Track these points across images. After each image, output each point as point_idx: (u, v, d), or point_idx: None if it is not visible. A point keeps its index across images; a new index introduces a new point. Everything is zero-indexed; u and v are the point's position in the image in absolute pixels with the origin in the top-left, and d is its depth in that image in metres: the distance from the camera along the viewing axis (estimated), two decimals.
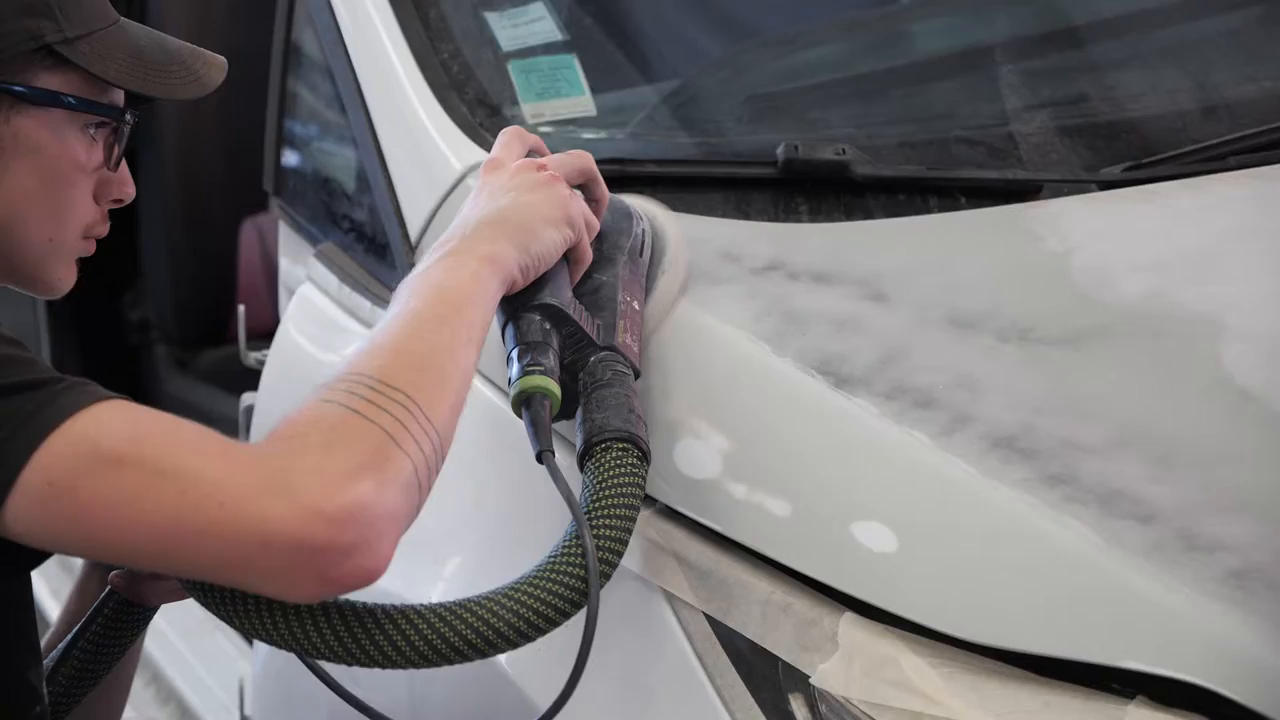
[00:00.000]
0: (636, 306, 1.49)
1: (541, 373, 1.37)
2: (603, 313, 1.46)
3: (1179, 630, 1.24)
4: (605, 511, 1.34)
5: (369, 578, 1.17)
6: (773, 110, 1.92)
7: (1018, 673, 1.28)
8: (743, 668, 1.38)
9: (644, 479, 1.38)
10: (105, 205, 1.45)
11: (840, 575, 1.35)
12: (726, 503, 1.42)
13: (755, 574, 1.39)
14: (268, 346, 2.16)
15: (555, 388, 1.38)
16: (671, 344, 1.51)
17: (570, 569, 1.30)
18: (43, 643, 1.61)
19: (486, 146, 1.73)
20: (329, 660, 1.26)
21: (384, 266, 1.88)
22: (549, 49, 1.91)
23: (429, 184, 1.79)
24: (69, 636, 1.58)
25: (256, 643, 2.06)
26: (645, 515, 1.46)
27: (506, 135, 1.52)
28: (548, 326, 1.40)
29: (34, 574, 1.43)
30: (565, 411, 1.42)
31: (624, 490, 1.36)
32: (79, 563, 1.65)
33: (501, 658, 1.55)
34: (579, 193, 1.49)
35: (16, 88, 1.36)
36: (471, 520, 1.68)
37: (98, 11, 1.42)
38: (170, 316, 3.50)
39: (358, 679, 1.81)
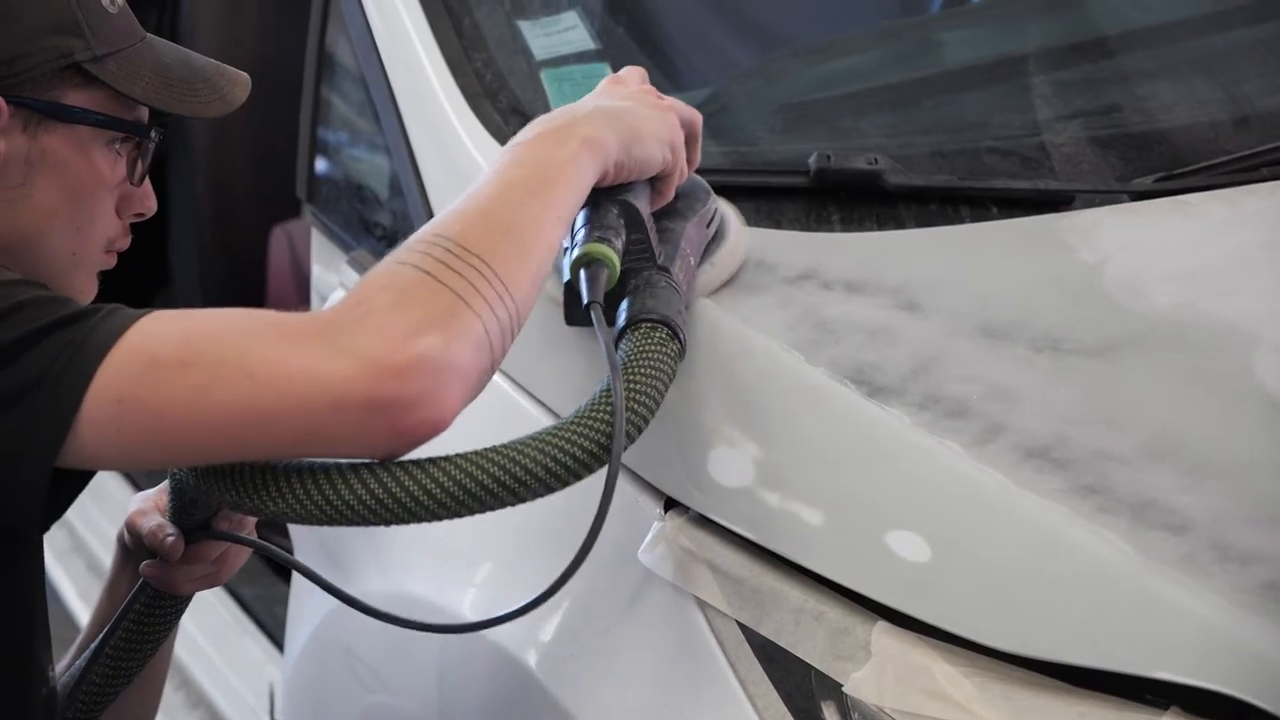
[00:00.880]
0: (693, 263, 1.51)
1: (610, 247, 1.38)
2: (667, 245, 1.47)
3: (1212, 641, 1.24)
4: (640, 372, 1.34)
5: (437, 427, 1.21)
6: (804, 119, 1.93)
7: (1051, 683, 1.28)
8: (775, 676, 1.38)
9: (677, 362, 1.38)
10: (127, 219, 1.47)
11: (873, 584, 1.35)
12: (760, 511, 1.42)
13: (788, 582, 1.39)
14: None
15: (617, 262, 1.39)
16: (705, 352, 1.52)
17: (600, 419, 1.30)
18: (74, 645, 1.63)
19: None
20: (360, 522, 1.26)
21: None
22: (582, 58, 1.92)
23: (461, 192, 1.78)
24: (102, 633, 1.59)
25: (287, 648, 2.07)
26: (678, 522, 1.47)
27: (630, 68, 1.55)
28: (621, 220, 1.41)
29: (60, 577, 1.44)
30: (607, 316, 1.40)
31: (660, 362, 1.36)
32: (107, 565, 1.66)
33: (532, 661, 1.57)
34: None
35: (45, 105, 1.37)
36: (503, 526, 1.68)
37: (125, 29, 1.43)
38: None
39: (385, 681, 1.83)
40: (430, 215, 1.81)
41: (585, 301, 1.36)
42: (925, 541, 1.35)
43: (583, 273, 1.38)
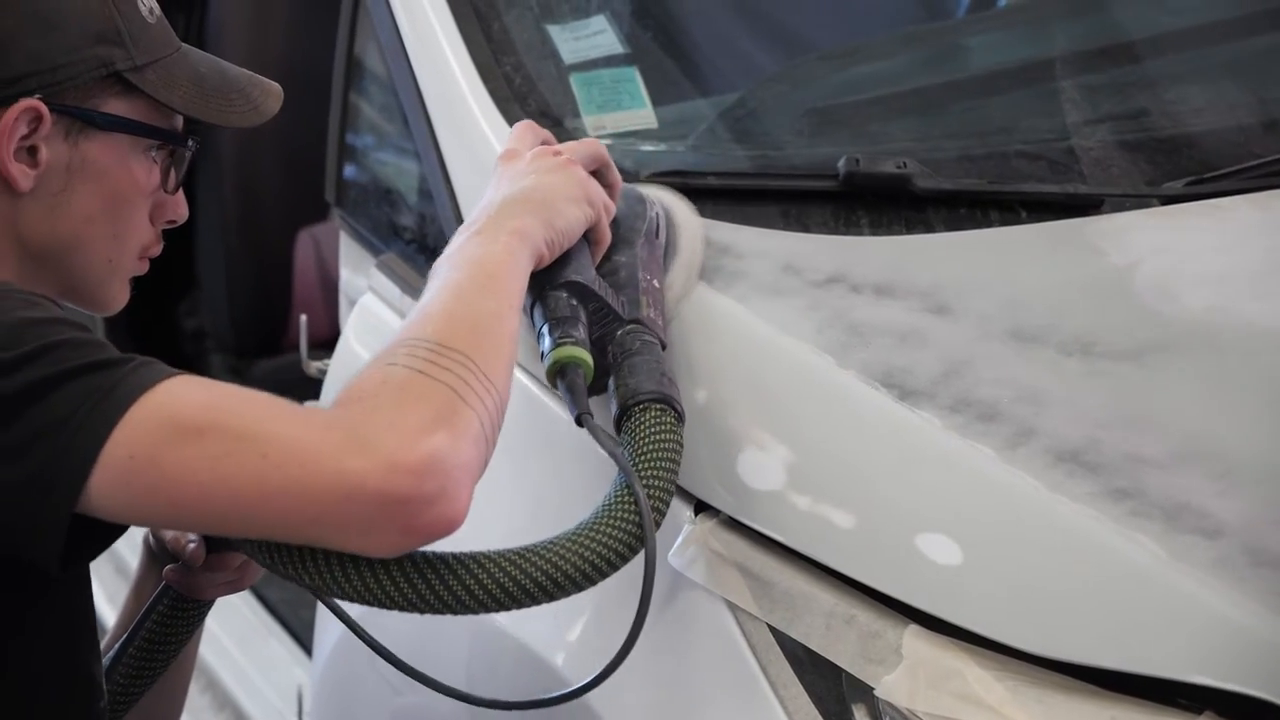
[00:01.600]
0: (657, 284, 1.52)
1: (573, 343, 1.41)
2: (625, 290, 1.49)
3: (1246, 644, 1.24)
4: (650, 463, 1.37)
5: (450, 526, 1.21)
6: (833, 123, 1.93)
7: (1083, 686, 1.28)
8: (806, 679, 1.38)
9: (681, 437, 1.41)
10: (160, 226, 1.48)
11: (905, 587, 1.35)
12: (790, 514, 1.42)
13: (819, 585, 1.39)
14: (324, 355, 2.18)
15: (588, 357, 1.41)
16: (735, 355, 1.52)
17: (625, 514, 1.33)
18: (103, 644, 1.63)
19: None
20: (402, 608, 1.27)
21: None
22: (610, 62, 1.92)
23: None
24: (126, 635, 1.60)
25: (316, 650, 2.07)
26: (708, 525, 1.47)
27: (519, 128, 1.56)
28: (575, 303, 1.44)
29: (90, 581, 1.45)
30: (595, 386, 1.45)
31: (665, 444, 1.39)
32: (134, 568, 1.67)
33: (561, 663, 1.57)
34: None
35: (87, 113, 1.38)
36: (527, 534, 1.68)
37: (163, 40, 1.44)
38: (226, 326, 3.52)
39: (413, 683, 1.83)
40: (460, 219, 1.82)
41: (574, 414, 1.39)
42: (957, 545, 1.35)
43: (561, 385, 1.40)
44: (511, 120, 1.82)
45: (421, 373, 1.23)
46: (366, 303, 2.05)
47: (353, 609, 1.88)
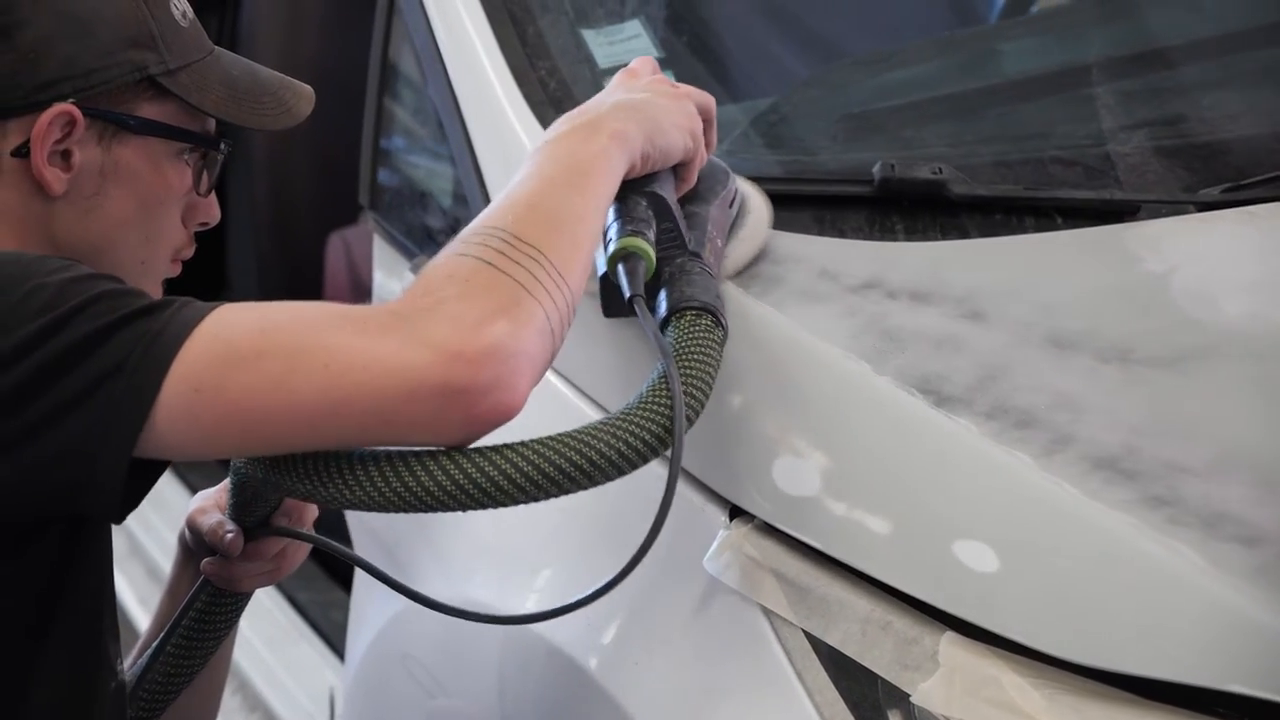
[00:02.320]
0: (720, 244, 1.54)
1: (643, 239, 1.42)
2: (695, 231, 1.50)
3: None
4: (690, 358, 1.37)
5: (510, 412, 1.24)
6: (867, 129, 1.93)
7: (1121, 694, 1.28)
8: (842, 685, 1.38)
9: (722, 348, 1.41)
10: (192, 228, 1.49)
11: (941, 594, 1.35)
12: (826, 520, 1.42)
13: (855, 592, 1.39)
14: None
15: (653, 254, 1.42)
16: (771, 360, 1.52)
17: (661, 405, 1.33)
18: (136, 646, 1.64)
19: None
20: (436, 508, 1.28)
21: None
22: None
23: None
24: (164, 632, 1.60)
25: (348, 654, 2.08)
26: (744, 531, 1.47)
27: (640, 59, 1.57)
28: (650, 212, 1.45)
29: (119, 582, 1.46)
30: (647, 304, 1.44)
31: (706, 347, 1.39)
32: (165, 570, 1.68)
33: (594, 666, 1.57)
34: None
35: (120, 117, 1.39)
36: (565, 530, 1.69)
37: (195, 43, 1.45)
38: None
39: (446, 686, 1.84)
40: None
41: (628, 295, 1.40)
42: (994, 551, 1.35)
43: (621, 267, 1.41)
44: (548, 125, 1.83)
45: (490, 263, 1.25)
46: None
47: (386, 611, 1.90)
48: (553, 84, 1.88)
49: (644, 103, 1.45)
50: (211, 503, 1.60)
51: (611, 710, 1.54)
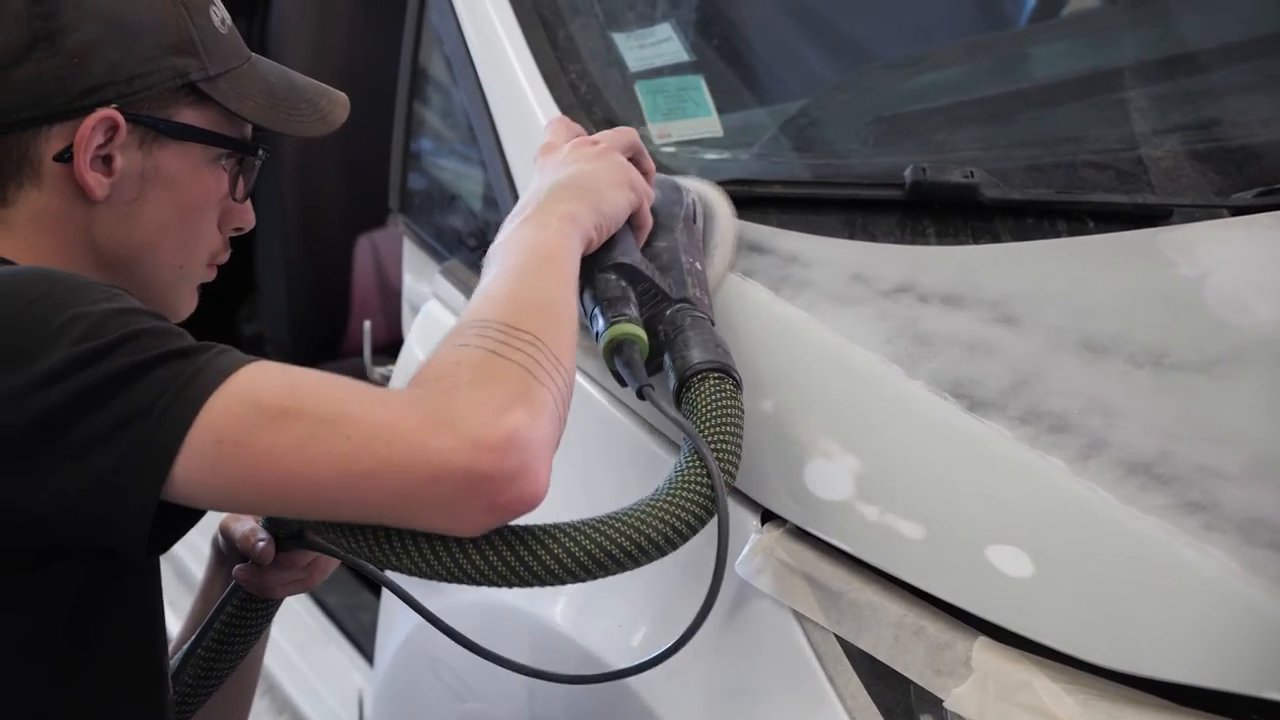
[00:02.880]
0: (699, 266, 1.54)
1: (627, 320, 1.43)
2: (670, 272, 1.51)
3: None
4: (715, 430, 1.38)
5: (533, 502, 1.23)
6: (898, 132, 1.92)
7: (1155, 700, 1.27)
8: (875, 690, 1.38)
9: (741, 403, 1.42)
10: (228, 234, 1.50)
11: (974, 599, 1.34)
12: (858, 524, 1.42)
13: (887, 596, 1.39)
14: (384, 360, 2.18)
15: (642, 333, 1.43)
16: (803, 364, 1.51)
17: (698, 480, 1.34)
18: (169, 647, 1.64)
19: None
20: (488, 582, 1.28)
21: None
22: (676, 70, 1.92)
23: None
24: (195, 635, 1.61)
25: (377, 658, 2.08)
26: (775, 535, 1.46)
27: (553, 124, 1.58)
28: (624, 284, 1.46)
29: None
30: (650, 366, 1.46)
31: (727, 411, 1.40)
32: (195, 574, 1.68)
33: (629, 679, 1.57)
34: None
35: (161, 123, 1.40)
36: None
37: (234, 50, 1.46)
38: (284, 331, 3.53)
39: (475, 690, 1.83)
40: None
41: (636, 388, 1.41)
42: (1027, 556, 1.34)
43: (618, 361, 1.43)
44: None
45: (494, 353, 1.25)
46: (430, 309, 2.05)
47: (413, 617, 1.89)
48: (583, 88, 1.87)
49: (576, 176, 1.46)
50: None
51: (642, 714, 1.54)
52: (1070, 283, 1.63)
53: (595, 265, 1.46)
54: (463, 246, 2.05)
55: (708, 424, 1.39)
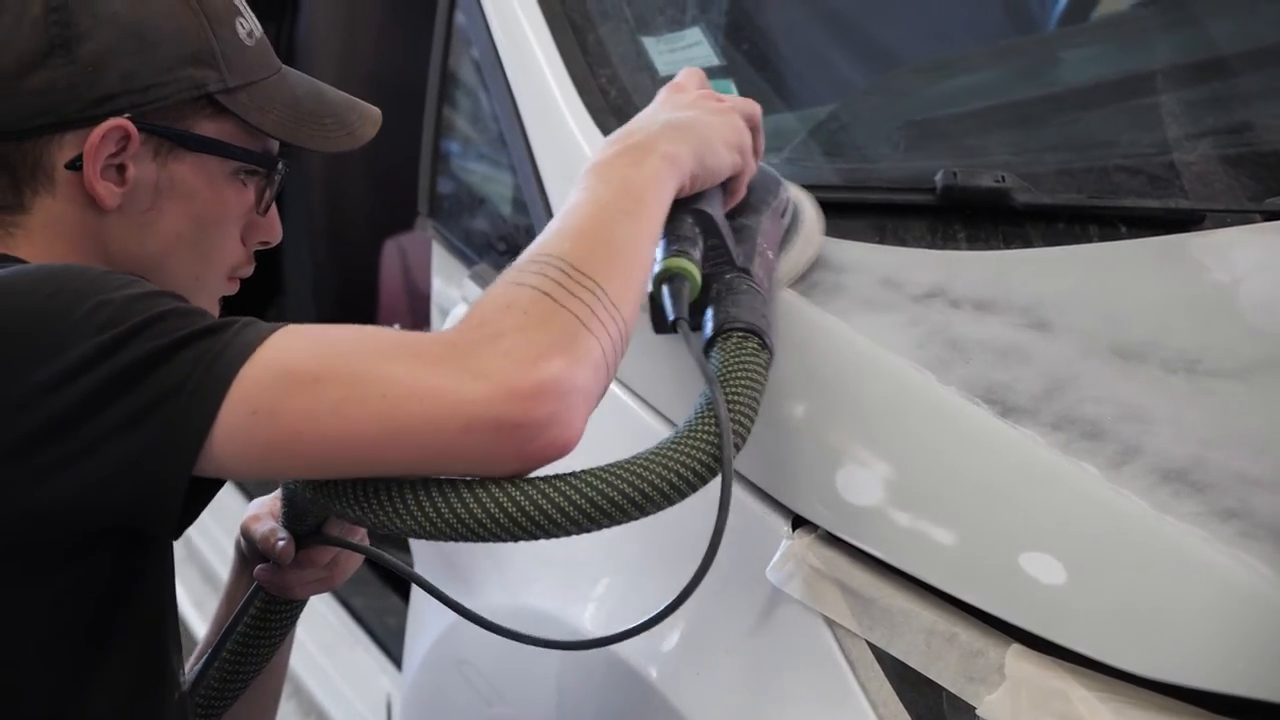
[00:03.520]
0: (771, 256, 1.53)
1: (688, 259, 1.42)
2: (743, 245, 1.50)
3: None
4: (735, 382, 1.37)
5: (564, 449, 1.24)
6: (929, 136, 1.92)
7: (1189, 709, 1.26)
8: (907, 697, 1.37)
9: (767, 370, 1.41)
10: (252, 247, 1.49)
11: (1008, 606, 1.34)
12: (890, 530, 1.41)
13: (919, 603, 1.38)
14: None
15: (698, 274, 1.42)
16: (834, 369, 1.51)
17: (708, 431, 1.33)
18: (195, 651, 1.65)
19: None
20: (486, 538, 1.28)
21: None
22: (706, 74, 1.91)
23: None
24: (218, 638, 1.61)
25: (406, 662, 2.08)
26: (806, 541, 1.46)
27: (688, 71, 1.58)
28: (697, 229, 1.44)
29: (176, 586, 1.46)
30: (691, 322, 1.44)
31: (752, 372, 1.38)
32: (221, 575, 1.68)
33: (656, 676, 1.57)
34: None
35: (175, 134, 1.39)
36: (625, 540, 1.68)
37: (259, 62, 1.45)
38: None
39: (505, 694, 1.83)
40: None
41: (671, 318, 1.39)
42: (1061, 564, 1.34)
43: (665, 288, 1.41)
44: (608, 133, 1.82)
45: (548, 294, 1.25)
46: (459, 314, 2.05)
47: (443, 617, 1.90)
48: (613, 92, 1.87)
49: (692, 121, 1.45)
50: (266, 510, 1.60)
51: (672, 718, 1.54)
52: (1102, 288, 1.62)
53: (677, 204, 1.44)
54: (492, 251, 2.05)
55: (730, 377, 1.37)
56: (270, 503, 1.61)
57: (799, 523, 1.48)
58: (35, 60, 1.36)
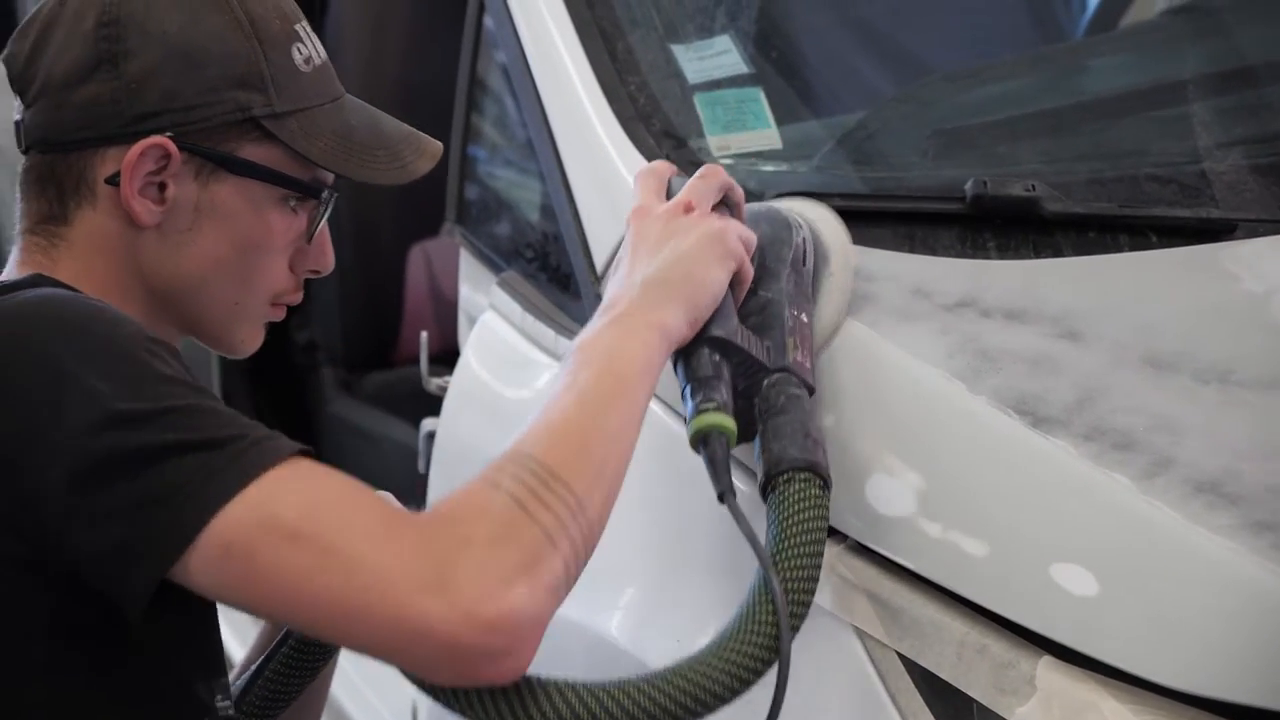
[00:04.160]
0: (805, 319, 1.49)
1: (715, 409, 1.38)
2: (771, 332, 1.46)
3: None
4: (792, 555, 1.35)
5: (510, 679, 1.21)
6: (958, 145, 1.91)
7: None
8: (936, 709, 1.37)
9: (827, 508, 1.39)
10: (301, 274, 1.48)
11: (1039, 618, 1.33)
12: (921, 541, 1.41)
13: (950, 614, 1.38)
14: (437, 369, 2.19)
15: (729, 422, 1.38)
16: (864, 379, 1.51)
17: (765, 622, 1.31)
18: (236, 668, 1.64)
19: None
20: None
21: (568, 296, 1.90)
22: (735, 81, 1.91)
23: (615, 215, 1.80)
24: (261, 659, 1.61)
25: None
26: (836, 551, 1.46)
27: (641, 178, 1.51)
28: (717, 358, 1.41)
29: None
30: (745, 434, 1.43)
31: (809, 528, 1.36)
32: None
33: None
34: (730, 217, 1.48)
35: (215, 155, 1.39)
36: (651, 549, 1.68)
37: (315, 89, 1.44)
38: (337, 339, 3.55)
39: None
40: (584, 240, 1.82)
41: (718, 492, 1.36)
42: (1093, 575, 1.33)
43: (703, 455, 1.38)
44: (637, 140, 1.82)
45: (521, 505, 1.22)
46: (487, 320, 2.06)
47: None
48: (642, 99, 1.87)
49: (671, 264, 1.39)
50: None
51: None
52: (1134, 298, 1.61)
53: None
54: (520, 258, 2.05)
55: (785, 545, 1.35)
56: None
57: (829, 532, 1.48)
58: (83, 74, 1.37)
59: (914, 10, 2.35)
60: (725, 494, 1.35)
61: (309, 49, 1.44)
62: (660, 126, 1.84)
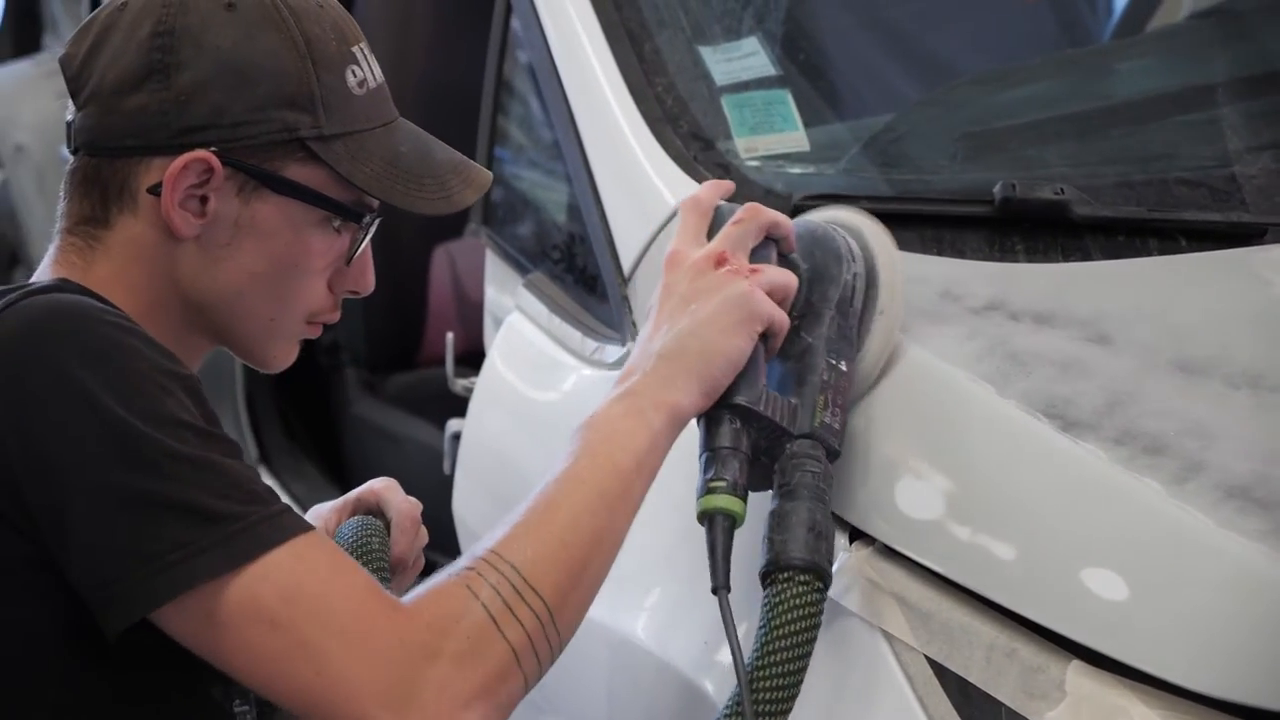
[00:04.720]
0: (844, 368, 1.45)
1: (724, 489, 1.38)
2: (803, 389, 1.43)
3: None
4: (772, 670, 1.36)
5: None
6: (987, 148, 1.91)
7: None
8: (965, 713, 1.36)
9: (820, 611, 1.38)
10: (340, 295, 1.47)
11: (1069, 622, 1.33)
12: (949, 544, 1.41)
13: (979, 618, 1.37)
14: (460, 370, 2.19)
15: (737, 506, 1.39)
16: (894, 382, 1.50)
17: None
18: None
19: (700, 180, 1.74)
20: None
21: (594, 298, 1.90)
22: (763, 83, 1.91)
23: (642, 217, 1.80)
24: None
25: None
26: (864, 554, 1.45)
27: (684, 212, 1.49)
28: (738, 426, 1.40)
29: None
30: (762, 485, 1.43)
31: (798, 640, 1.37)
32: None
33: (711, 689, 1.56)
34: (764, 267, 1.44)
35: (258, 172, 1.38)
36: (677, 549, 1.68)
37: (367, 112, 1.42)
38: (360, 340, 3.55)
39: (554, 702, 1.83)
40: (611, 241, 1.82)
41: (712, 586, 1.37)
42: (1122, 580, 1.33)
43: (706, 537, 1.39)
44: (664, 142, 1.82)
45: (493, 619, 1.26)
46: (513, 322, 2.06)
47: None
48: (669, 101, 1.87)
49: (689, 336, 1.39)
50: (322, 525, 1.61)
51: None
52: (1163, 302, 1.61)
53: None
54: (546, 259, 2.05)
55: (768, 655, 1.36)
56: (328, 514, 1.63)
57: (856, 535, 1.48)
58: (134, 82, 1.37)
59: (941, 13, 2.35)
60: (719, 589, 1.37)
61: (365, 71, 1.43)
62: (688, 128, 1.84)
